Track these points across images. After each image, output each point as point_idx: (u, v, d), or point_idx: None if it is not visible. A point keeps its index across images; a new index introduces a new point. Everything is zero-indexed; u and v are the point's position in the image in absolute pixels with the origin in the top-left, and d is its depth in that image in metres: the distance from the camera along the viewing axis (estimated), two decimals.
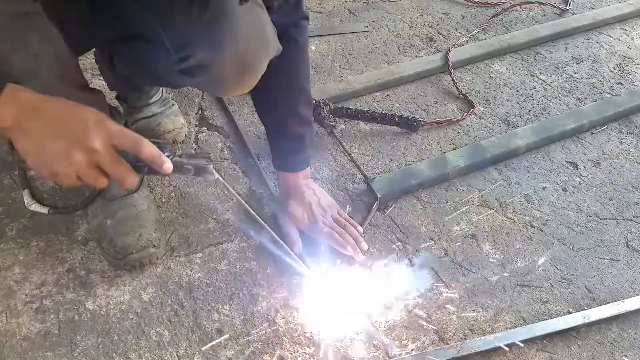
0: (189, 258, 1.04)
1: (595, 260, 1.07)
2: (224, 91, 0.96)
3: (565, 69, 1.54)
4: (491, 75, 1.51)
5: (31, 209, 1.07)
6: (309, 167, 1.09)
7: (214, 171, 0.74)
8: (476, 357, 0.91)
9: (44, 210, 1.06)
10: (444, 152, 1.26)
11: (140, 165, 0.70)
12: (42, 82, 0.74)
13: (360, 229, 1.07)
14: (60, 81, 0.78)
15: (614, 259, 1.07)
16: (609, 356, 0.92)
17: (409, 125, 1.30)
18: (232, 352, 0.91)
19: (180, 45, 0.82)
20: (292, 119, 1.02)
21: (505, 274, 1.04)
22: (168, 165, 0.71)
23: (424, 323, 0.96)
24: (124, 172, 0.68)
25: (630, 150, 1.30)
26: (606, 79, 1.50)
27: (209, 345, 0.91)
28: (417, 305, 0.98)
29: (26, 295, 0.97)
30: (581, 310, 0.97)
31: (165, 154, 0.71)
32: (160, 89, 1.24)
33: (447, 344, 0.92)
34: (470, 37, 1.63)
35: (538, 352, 0.92)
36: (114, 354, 0.90)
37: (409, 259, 1.05)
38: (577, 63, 1.56)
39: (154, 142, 0.71)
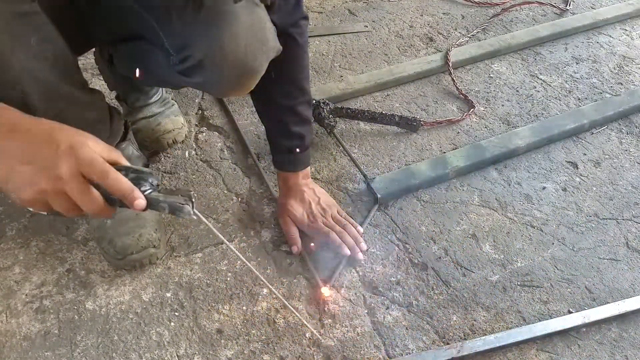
0: (189, 258, 1.04)
1: (595, 260, 1.07)
2: (224, 92, 0.96)
3: (565, 69, 1.54)
4: (491, 75, 1.51)
5: (32, 209, 1.07)
6: (309, 167, 1.09)
7: (192, 212, 0.67)
8: (476, 357, 0.91)
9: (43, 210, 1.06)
10: (444, 152, 1.26)
11: (114, 197, 0.64)
12: (41, 83, 0.74)
13: (361, 229, 1.07)
14: (60, 82, 0.78)
15: (614, 259, 1.07)
16: (609, 356, 0.92)
17: (409, 125, 1.30)
18: (232, 352, 0.91)
19: (180, 47, 0.82)
20: (292, 118, 1.02)
21: (505, 274, 1.04)
22: (140, 202, 0.64)
23: (424, 323, 0.96)
24: (92, 203, 0.63)
25: (630, 150, 1.30)
26: (606, 79, 1.50)
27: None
28: (417, 305, 0.98)
29: (26, 295, 0.97)
30: (581, 310, 0.97)
31: (143, 187, 0.65)
32: (160, 89, 1.24)
33: (447, 344, 0.93)
34: (470, 37, 1.63)
35: (538, 352, 0.92)
36: (114, 354, 0.90)
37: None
38: (577, 63, 1.56)
39: (135, 171, 0.65)
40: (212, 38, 0.79)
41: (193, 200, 0.67)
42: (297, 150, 1.05)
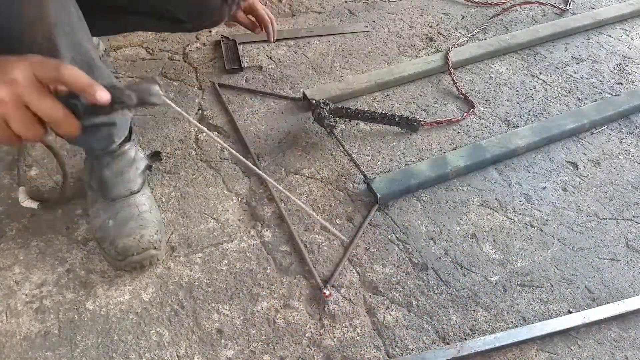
0: (189, 258, 1.04)
1: (595, 260, 1.07)
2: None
3: (565, 69, 1.54)
4: (491, 75, 1.51)
5: (24, 205, 1.08)
6: None
7: (160, 92, 0.62)
8: (476, 357, 0.91)
9: (34, 205, 1.07)
10: (444, 152, 1.26)
11: (76, 103, 0.61)
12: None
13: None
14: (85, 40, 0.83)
15: (614, 259, 1.07)
16: (609, 356, 0.92)
17: (409, 125, 1.30)
18: (232, 352, 0.91)
19: None
20: None
21: (505, 274, 1.04)
22: (102, 95, 0.60)
23: (424, 323, 0.96)
24: (53, 109, 0.60)
25: (630, 150, 1.30)
26: (606, 79, 1.50)
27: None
28: (417, 305, 0.98)
29: (26, 295, 0.97)
30: (581, 310, 0.97)
31: (117, 103, 0.61)
32: None
33: (447, 344, 0.93)
34: (470, 37, 1.63)
35: (538, 352, 0.92)
36: (114, 354, 0.90)
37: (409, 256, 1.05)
38: (577, 63, 1.56)
39: (111, 87, 0.62)
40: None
41: (159, 82, 0.62)
42: None
